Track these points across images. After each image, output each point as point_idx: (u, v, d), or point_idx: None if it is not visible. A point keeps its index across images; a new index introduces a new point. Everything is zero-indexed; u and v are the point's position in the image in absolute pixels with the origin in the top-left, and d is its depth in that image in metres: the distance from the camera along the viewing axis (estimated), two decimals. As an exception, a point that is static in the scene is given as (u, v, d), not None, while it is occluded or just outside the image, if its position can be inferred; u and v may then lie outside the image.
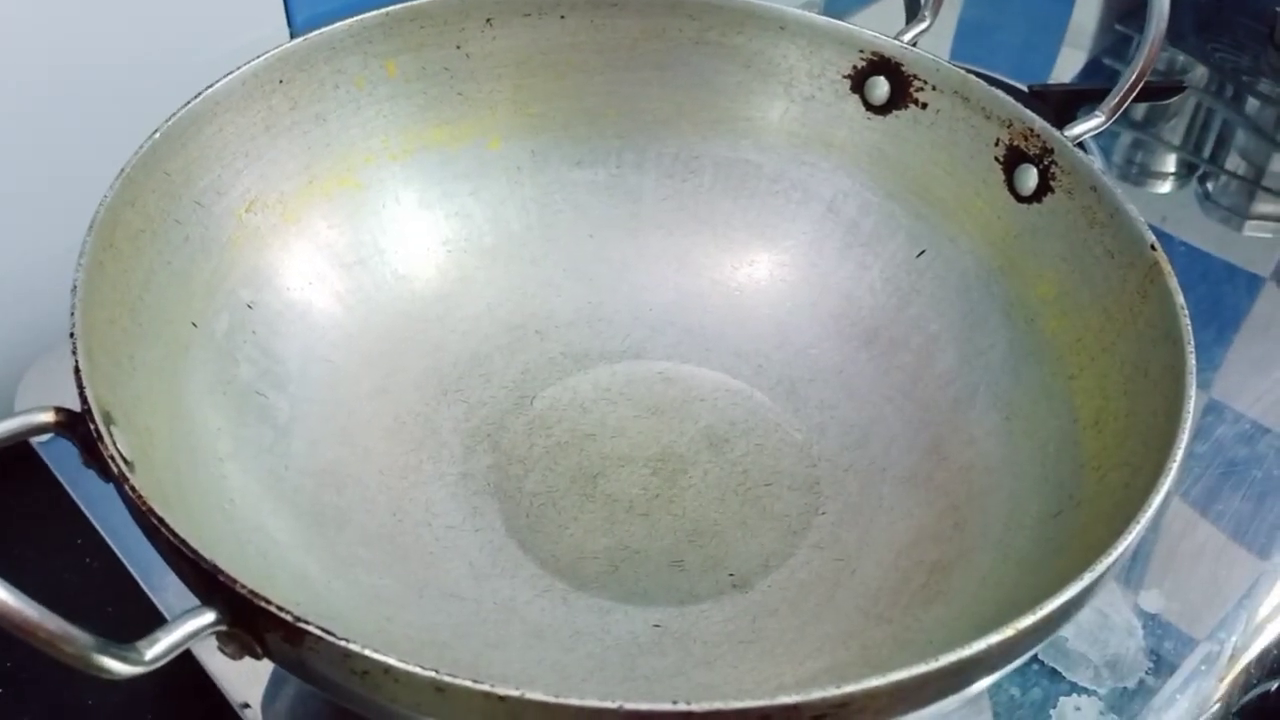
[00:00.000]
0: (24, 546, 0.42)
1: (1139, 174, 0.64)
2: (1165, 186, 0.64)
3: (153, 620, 0.25)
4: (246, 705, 0.37)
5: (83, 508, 0.42)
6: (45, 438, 0.29)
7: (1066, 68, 0.72)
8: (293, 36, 0.47)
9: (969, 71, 0.42)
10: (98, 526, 0.41)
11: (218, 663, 0.37)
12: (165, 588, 0.39)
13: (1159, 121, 0.68)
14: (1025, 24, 0.76)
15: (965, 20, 0.73)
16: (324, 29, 0.41)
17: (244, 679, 0.37)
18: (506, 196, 0.46)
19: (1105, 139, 0.66)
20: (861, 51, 0.44)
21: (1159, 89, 0.68)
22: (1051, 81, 0.67)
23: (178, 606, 0.37)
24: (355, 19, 0.42)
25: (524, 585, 0.37)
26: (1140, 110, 0.68)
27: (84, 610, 0.24)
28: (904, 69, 0.44)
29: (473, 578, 0.37)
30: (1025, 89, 0.63)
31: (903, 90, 0.44)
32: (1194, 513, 0.44)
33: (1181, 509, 0.45)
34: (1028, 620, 0.26)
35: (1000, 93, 0.42)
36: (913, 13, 0.48)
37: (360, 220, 0.43)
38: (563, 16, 0.45)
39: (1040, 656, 0.39)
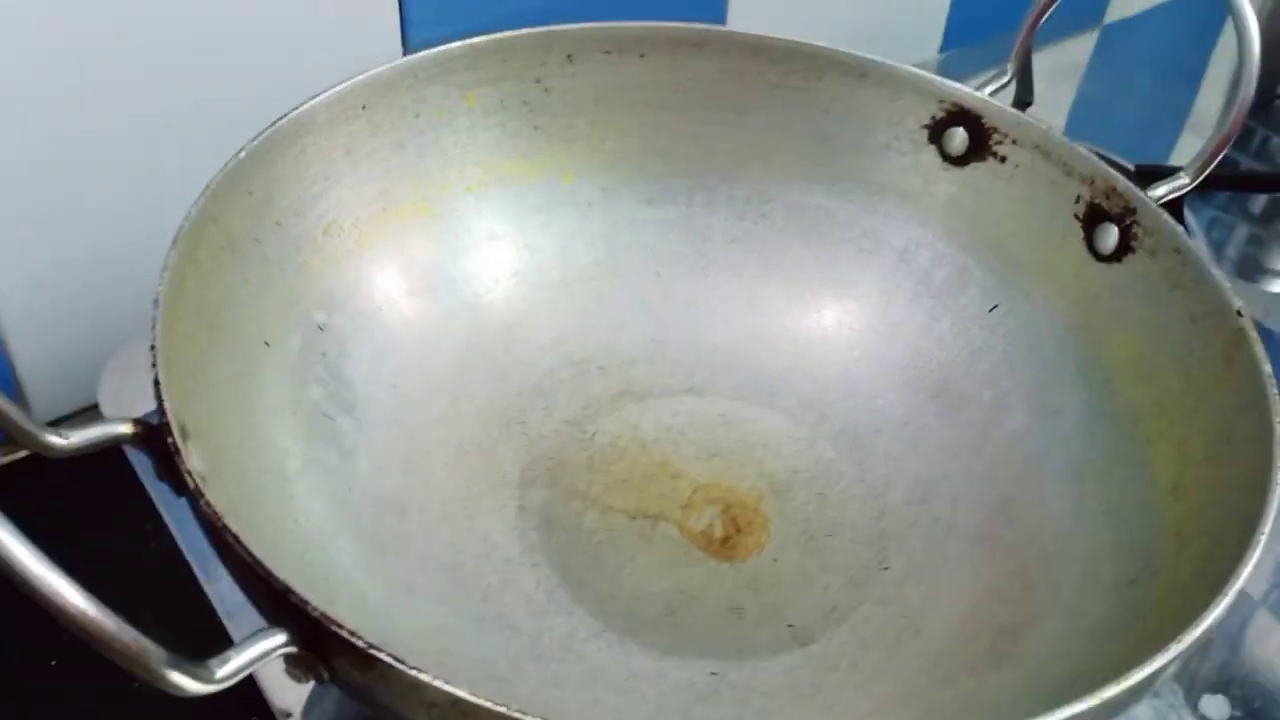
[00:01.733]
0: (98, 548, 0.42)
1: (1252, 270, 0.62)
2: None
3: (212, 634, 0.25)
4: (289, 715, 0.36)
5: (161, 512, 0.41)
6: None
7: (1184, 153, 0.70)
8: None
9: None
10: (174, 531, 0.41)
11: (265, 671, 0.36)
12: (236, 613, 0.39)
13: (1278, 218, 0.65)
14: (1144, 106, 0.74)
15: (1082, 96, 0.72)
16: (408, 58, 0.41)
17: (288, 686, 0.36)
18: (576, 231, 0.46)
19: (1221, 231, 0.64)
20: (941, 102, 0.44)
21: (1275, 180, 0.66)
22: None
23: (240, 618, 0.36)
24: (438, 49, 0.42)
25: (581, 623, 0.37)
26: (1260, 203, 0.65)
27: (146, 618, 0.24)
28: (984, 121, 0.43)
29: (530, 613, 0.37)
30: (1131, 167, 0.61)
31: (981, 142, 0.44)
32: (1270, 618, 0.42)
33: (1256, 610, 0.43)
34: (1112, 690, 0.25)
35: (1082, 149, 0.41)
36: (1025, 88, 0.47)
37: (432, 249, 0.43)
38: (643, 55, 0.45)
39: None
